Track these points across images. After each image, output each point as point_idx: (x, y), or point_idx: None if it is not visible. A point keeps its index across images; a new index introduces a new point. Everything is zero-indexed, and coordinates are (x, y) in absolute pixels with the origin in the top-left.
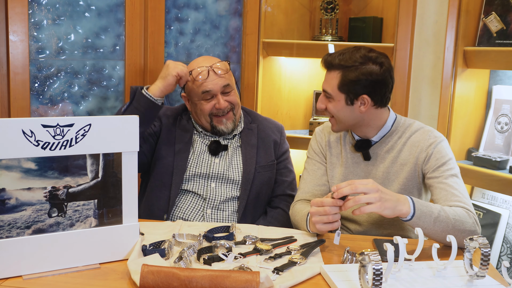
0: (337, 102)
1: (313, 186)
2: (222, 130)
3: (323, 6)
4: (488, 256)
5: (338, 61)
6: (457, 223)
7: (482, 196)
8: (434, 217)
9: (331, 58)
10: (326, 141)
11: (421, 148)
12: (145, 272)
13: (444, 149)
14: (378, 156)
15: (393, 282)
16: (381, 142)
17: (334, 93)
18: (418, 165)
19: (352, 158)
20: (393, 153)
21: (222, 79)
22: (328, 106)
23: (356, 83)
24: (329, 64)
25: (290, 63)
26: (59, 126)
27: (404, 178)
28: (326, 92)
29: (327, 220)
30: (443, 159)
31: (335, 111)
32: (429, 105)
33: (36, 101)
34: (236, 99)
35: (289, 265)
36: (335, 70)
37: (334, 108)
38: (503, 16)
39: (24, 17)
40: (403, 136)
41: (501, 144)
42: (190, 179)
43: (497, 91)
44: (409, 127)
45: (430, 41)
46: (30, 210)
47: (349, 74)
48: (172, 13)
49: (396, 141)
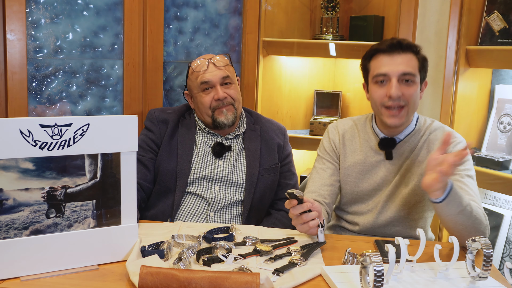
0: (416, 86)
1: (319, 186)
2: (222, 122)
3: (323, 4)
4: (491, 257)
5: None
6: (476, 222)
7: (484, 196)
8: (461, 208)
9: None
10: (340, 139)
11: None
12: (144, 274)
13: None
14: (400, 156)
15: (394, 283)
16: (405, 141)
17: (416, 74)
18: None
19: (372, 157)
20: (414, 151)
21: (221, 71)
22: (407, 92)
23: (426, 65)
24: (406, 45)
25: (290, 62)
26: (57, 126)
27: (419, 174)
28: (410, 74)
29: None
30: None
31: (414, 95)
32: (431, 104)
33: (34, 101)
34: (236, 94)
35: (290, 266)
36: (409, 52)
37: (414, 92)
38: (506, 14)
39: (21, 15)
40: (424, 135)
41: (504, 144)
42: (194, 182)
43: (500, 91)
44: (430, 125)
45: (432, 40)
46: (28, 211)
47: (421, 55)
48: (171, 11)
49: (418, 140)
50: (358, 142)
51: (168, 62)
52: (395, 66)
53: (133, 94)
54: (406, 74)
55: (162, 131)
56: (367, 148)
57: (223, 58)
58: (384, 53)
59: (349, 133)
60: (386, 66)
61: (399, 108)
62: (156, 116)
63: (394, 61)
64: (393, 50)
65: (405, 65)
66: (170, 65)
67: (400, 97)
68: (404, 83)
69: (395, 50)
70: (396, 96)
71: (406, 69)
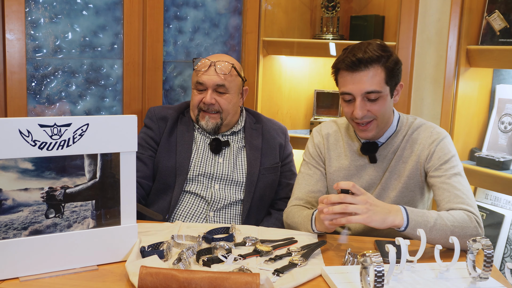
0: (385, 98)
1: (306, 192)
2: (201, 125)
3: (324, 4)
4: (491, 257)
5: (373, 54)
6: (456, 230)
7: (485, 196)
8: (430, 226)
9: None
10: (325, 143)
11: (423, 146)
12: (144, 274)
13: (446, 146)
14: (384, 158)
15: (395, 284)
16: (387, 143)
17: (383, 89)
18: (420, 163)
19: (357, 161)
20: (398, 152)
21: (219, 77)
22: (374, 109)
23: (397, 71)
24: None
25: (290, 62)
26: (57, 125)
27: (406, 176)
28: (375, 92)
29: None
30: (445, 157)
31: (382, 110)
32: (431, 104)
33: (33, 101)
34: (226, 105)
35: (290, 266)
36: (374, 65)
37: (381, 107)
38: (507, 14)
39: (21, 15)
40: (407, 134)
41: (505, 144)
42: (194, 179)
43: (501, 90)
44: (411, 124)
45: (433, 40)
46: (27, 211)
47: (388, 64)
48: (171, 11)
49: (401, 140)
50: (342, 146)
51: (168, 61)
52: (359, 85)
53: (132, 94)
54: (370, 92)
55: (161, 128)
56: (351, 152)
57: (227, 67)
58: (347, 70)
59: (333, 137)
60: (349, 84)
61: (367, 123)
62: (155, 114)
63: (357, 79)
64: (354, 68)
65: (369, 83)
66: (169, 65)
67: (366, 115)
68: (369, 101)
69: (356, 67)
70: (360, 117)
71: (369, 88)
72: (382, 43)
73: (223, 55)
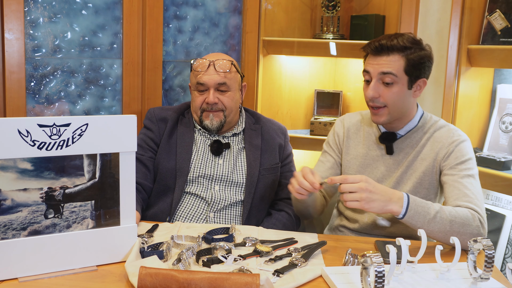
0: (400, 86)
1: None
2: (206, 125)
3: (324, 3)
4: (492, 258)
5: (397, 42)
6: (455, 225)
7: (486, 197)
8: (430, 218)
9: (388, 41)
10: (345, 132)
11: (443, 144)
12: (143, 275)
13: (465, 149)
14: (401, 151)
15: (395, 284)
16: (406, 137)
17: (400, 74)
18: (437, 161)
19: (374, 151)
20: (417, 148)
21: (219, 76)
22: (385, 93)
23: (421, 65)
24: (389, 46)
25: (290, 61)
26: (56, 125)
27: (421, 172)
28: (390, 73)
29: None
30: (462, 158)
31: (394, 97)
32: (432, 104)
33: (32, 100)
34: (229, 102)
35: (290, 267)
36: (396, 53)
37: (394, 94)
38: (508, 14)
39: (19, 14)
40: (428, 132)
41: (506, 144)
42: (194, 181)
43: (502, 90)
44: (435, 123)
45: (433, 39)
46: (26, 211)
47: (412, 55)
48: (170, 10)
49: (421, 137)
50: (362, 135)
51: (168, 61)
52: (377, 66)
53: (132, 94)
54: (385, 73)
55: (161, 129)
56: (370, 142)
57: (226, 64)
58: (372, 54)
59: (354, 127)
60: (369, 65)
61: (378, 108)
62: (155, 115)
63: (377, 61)
64: (377, 52)
65: (386, 65)
66: (169, 65)
67: (378, 98)
68: (384, 85)
69: (379, 52)
70: (370, 97)
71: (386, 69)
72: (415, 38)
73: (219, 53)
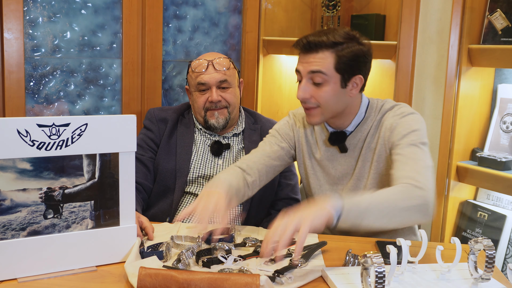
0: (332, 85)
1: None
2: (213, 124)
3: (324, 3)
4: (493, 258)
5: (326, 39)
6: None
7: (487, 197)
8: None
9: (316, 38)
10: (303, 132)
11: (386, 126)
12: (143, 275)
13: (408, 122)
14: (355, 147)
15: (396, 285)
16: (357, 130)
17: (330, 73)
18: (385, 144)
19: (327, 151)
20: (367, 139)
21: (219, 74)
22: (316, 93)
23: (354, 61)
24: (317, 43)
25: (290, 61)
26: (55, 125)
27: (375, 161)
28: (319, 72)
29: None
30: (405, 131)
31: (326, 97)
32: (433, 104)
33: (32, 100)
34: (232, 99)
35: (290, 267)
36: (325, 50)
37: (325, 93)
38: (509, 13)
39: (19, 14)
40: (376, 120)
41: (507, 144)
42: (194, 181)
43: (502, 90)
44: (381, 108)
45: (434, 39)
46: (25, 212)
47: (344, 52)
48: (170, 10)
49: (370, 126)
50: (315, 138)
51: (167, 61)
52: (306, 65)
53: (131, 94)
54: (314, 72)
55: (161, 130)
56: (322, 144)
57: (224, 61)
58: (301, 52)
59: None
60: (299, 64)
61: (311, 108)
62: (155, 115)
63: (306, 60)
64: (305, 50)
65: (315, 64)
66: (169, 64)
67: (310, 99)
68: (315, 85)
69: (307, 50)
70: (301, 99)
71: (313, 67)
72: (350, 33)
73: (214, 52)
